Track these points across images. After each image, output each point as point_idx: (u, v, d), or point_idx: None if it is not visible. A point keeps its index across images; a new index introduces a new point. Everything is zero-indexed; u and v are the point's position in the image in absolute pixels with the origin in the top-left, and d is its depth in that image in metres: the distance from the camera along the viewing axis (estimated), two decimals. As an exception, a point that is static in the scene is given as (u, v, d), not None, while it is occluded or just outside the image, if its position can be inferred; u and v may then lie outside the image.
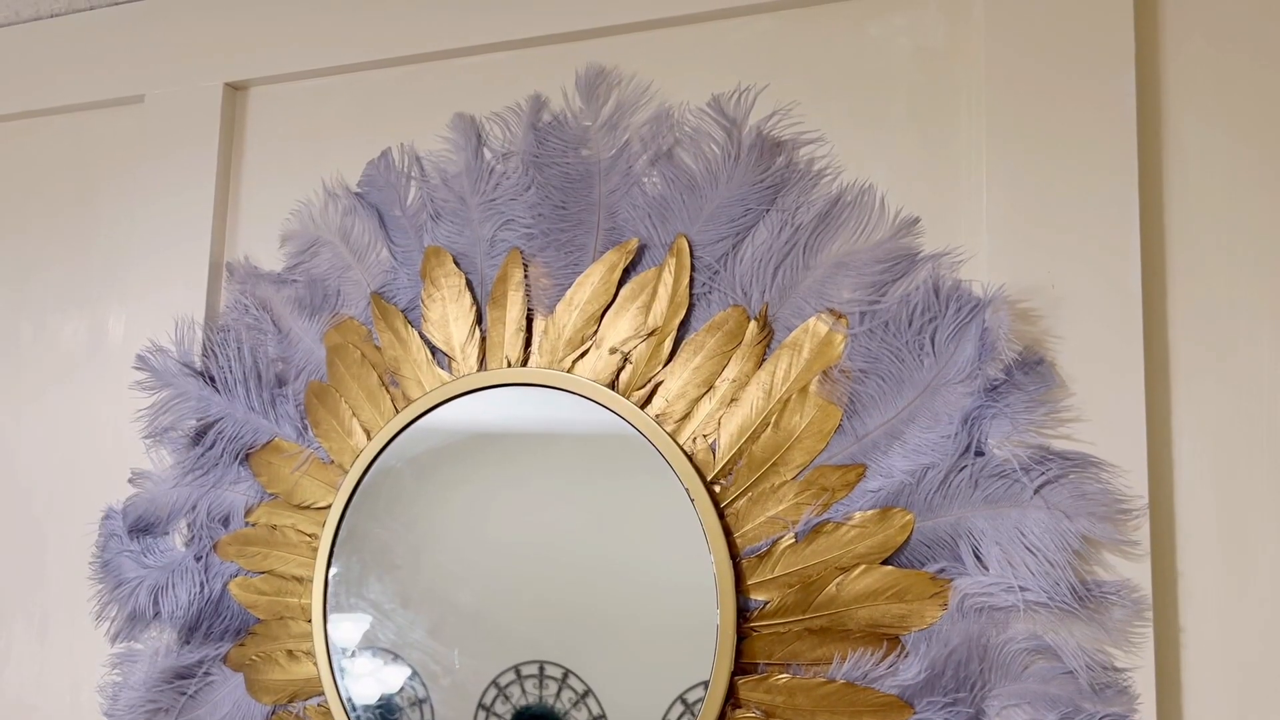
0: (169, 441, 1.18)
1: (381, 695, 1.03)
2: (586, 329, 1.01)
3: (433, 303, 1.08)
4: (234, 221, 1.24)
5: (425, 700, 1.01)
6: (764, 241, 0.96)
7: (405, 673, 1.02)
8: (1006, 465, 0.84)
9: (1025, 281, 0.88)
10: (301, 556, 1.09)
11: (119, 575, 1.18)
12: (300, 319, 1.16)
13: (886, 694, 0.85)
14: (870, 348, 0.91)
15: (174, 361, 1.19)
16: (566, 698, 0.97)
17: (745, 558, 0.92)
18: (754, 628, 0.90)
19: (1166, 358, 0.85)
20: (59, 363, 1.33)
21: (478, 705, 0.99)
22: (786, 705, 0.88)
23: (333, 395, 1.11)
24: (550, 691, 0.97)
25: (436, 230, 1.10)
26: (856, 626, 0.87)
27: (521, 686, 0.98)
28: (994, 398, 0.85)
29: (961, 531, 0.86)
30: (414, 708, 1.02)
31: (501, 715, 0.99)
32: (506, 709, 0.98)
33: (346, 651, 1.04)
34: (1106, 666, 0.80)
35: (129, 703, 1.14)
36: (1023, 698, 0.82)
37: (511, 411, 1.03)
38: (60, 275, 1.34)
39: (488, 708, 0.99)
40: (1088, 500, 0.82)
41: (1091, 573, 0.82)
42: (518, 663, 0.99)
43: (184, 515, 1.16)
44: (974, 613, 0.84)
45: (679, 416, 0.96)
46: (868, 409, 0.90)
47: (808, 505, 0.90)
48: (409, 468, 1.06)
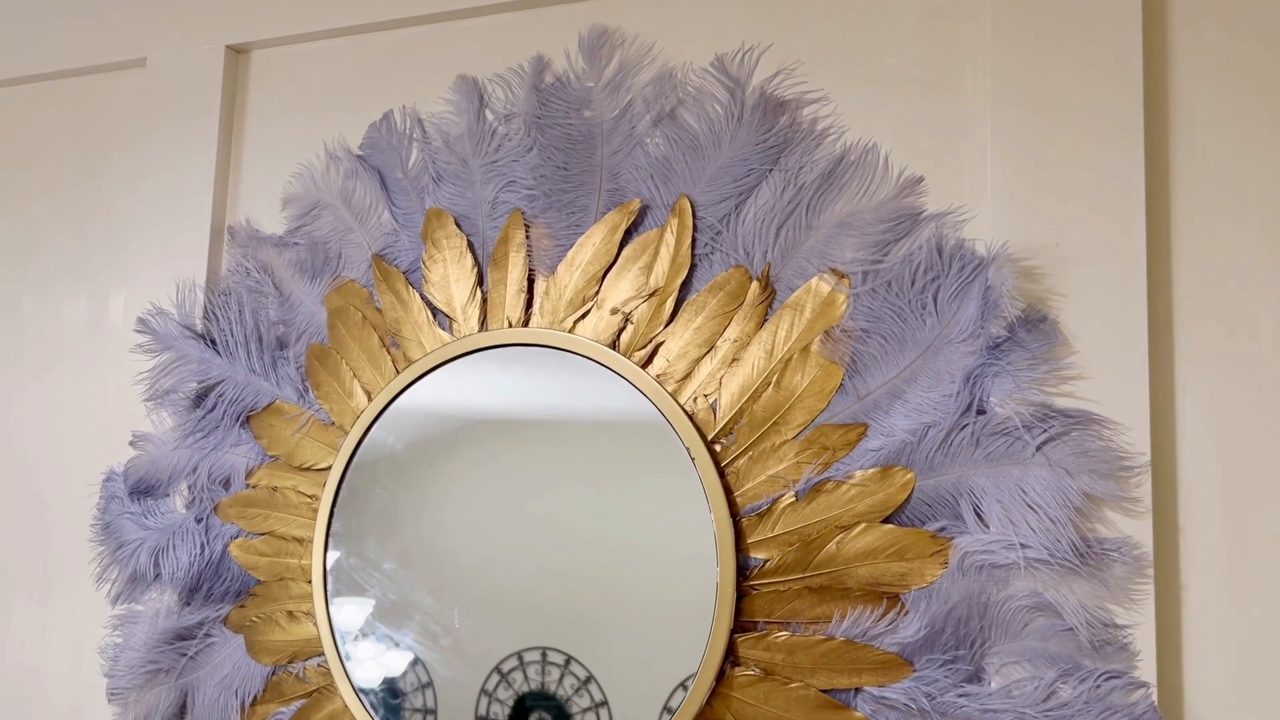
0: (170, 404, 1.18)
1: (385, 679, 1.03)
2: (588, 290, 1.00)
3: (434, 264, 1.08)
4: (235, 185, 1.24)
5: (429, 685, 1.01)
6: (767, 202, 0.95)
7: (408, 658, 1.02)
8: (1008, 423, 0.84)
9: (1029, 240, 0.87)
10: (302, 518, 1.09)
11: (120, 537, 1.18)
12: (301, 282, 1.15)
13: (886, 651, 0.85)
14: (873, 307, 0.90)
15: (175, 324, 1.19)
16: (569, 684, 0.97)
17: (745, 516, 0.91)
18: (754, 586, 0.90)
19: (1170, 315, 0.85)
20: (61, 330, 1.33)
21: (480, 690, 1.00)
22: (786, 663, 0.88)
23: (334, 357, 1.11)
24: (553, 678, 0.97)
25: (438, 192, 1.10)
26: (856, 584, 0.87)
27: (524, 672, 0.98)
28: (996, 355, 0.85)
29: (963, 490, 0.85)
30: (417, 693, 1.02)
31: (504, 701, 0.99)
32: (509, 694, 0.99)
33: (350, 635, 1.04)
34: (1107, 623, 0.80)
35: (129, 663, 1.14)
36: (1022, 655, 0.82)
37: (512, 375, 1.03)
38: (62, 239, 1.34)
39: (490, 693, 0.99)
40: (1090, 457, 0.81)
41: (1093, 530, 0.82)
42: (520, 649, 0.99)
43: (185, 477, 1.16)
44: (974, 570, 0.84)
45: (680, 376, 0.96)
46: (869, 368, 0.90)
47: (808, 464, 0.90)
48: (410, 429, 1.05)
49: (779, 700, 0.88)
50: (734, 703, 0.89)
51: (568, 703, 0.97)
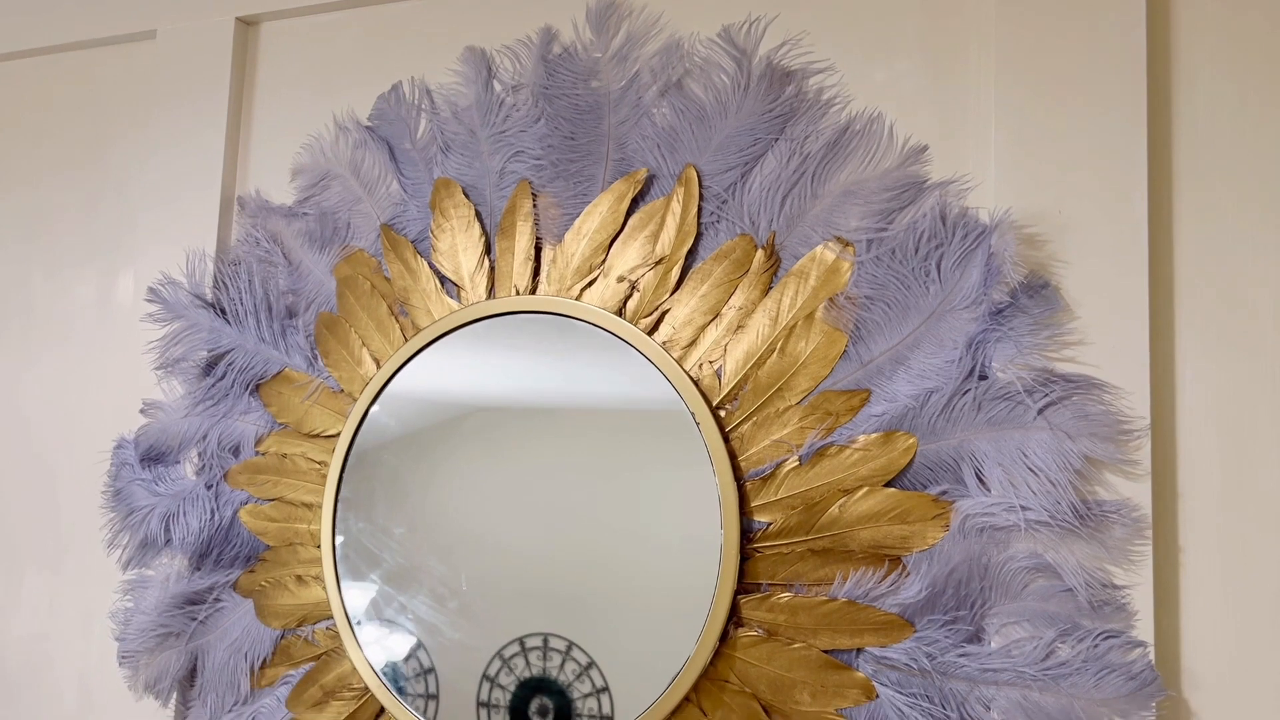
0: (180, 372, 1.20)
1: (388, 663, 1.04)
2: (595, 258, 1.01)
3: (442, 233, 1.09)
4: (245, 155, 1.25)
5: (431, 670, 1.03)
6: (772, 171, 0.96)
7: (411, 642, 1.03)
8: (1010, 388, 0.85)
9: (1032, 207, 0.88)
10: (311, 484, 1.11)
11: (131, 503, 1.19)
12: (310, 251, 1.17)
13: (888, 612, 0.86)
14: (876, 275, 0.91)
15: (185, 293, 1.20)
16: (570, 669, 0.98)
17: (749, 480, 0.93)
18: (757, 548, 0.92)
19: (1170, 281, 0.86)
20: (71, 303, 1.34)
21: (482, 676, 1.01)
22: (789, 623, 0.89)
23: (342, 325, 1.12)
24: (554, 663, 0.98)
25: (446, 163, 1.11)
26: (859, 547, 0.88)
27: (525, 658, 0.99)
28: (998, 321, 0.86)
29: (964, 454, 0.86)
30: (419, 678, 1.03)
31: (506, 686, 1.00)
32: (510, 680, 1.00)
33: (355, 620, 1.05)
34: (1105, 584, 0.81)
35: (140, 627, 1.15)
36: (1022, 615, 0.83)
37: (518, 344, 1.04)
38: (72, 212, 1.35)
39: (492, 679, 1.00)
40: (1090, 421, 0.82)
41: (1093, 493, 0.83)
42: (522, 635, 1.00)
43: (195, 445, 1.18)
44: (975, 533, 0.85)
45: (685, 343, 0.97)
46: (873, 335, 0.91)
47: (812, 429, 0.91)
48: (418, 397, 1.07)
49: (782, 660, 0.89)
50: (737, 663, 0.91)
51: (569, 688, 0.98)
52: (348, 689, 1.06)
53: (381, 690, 1.03)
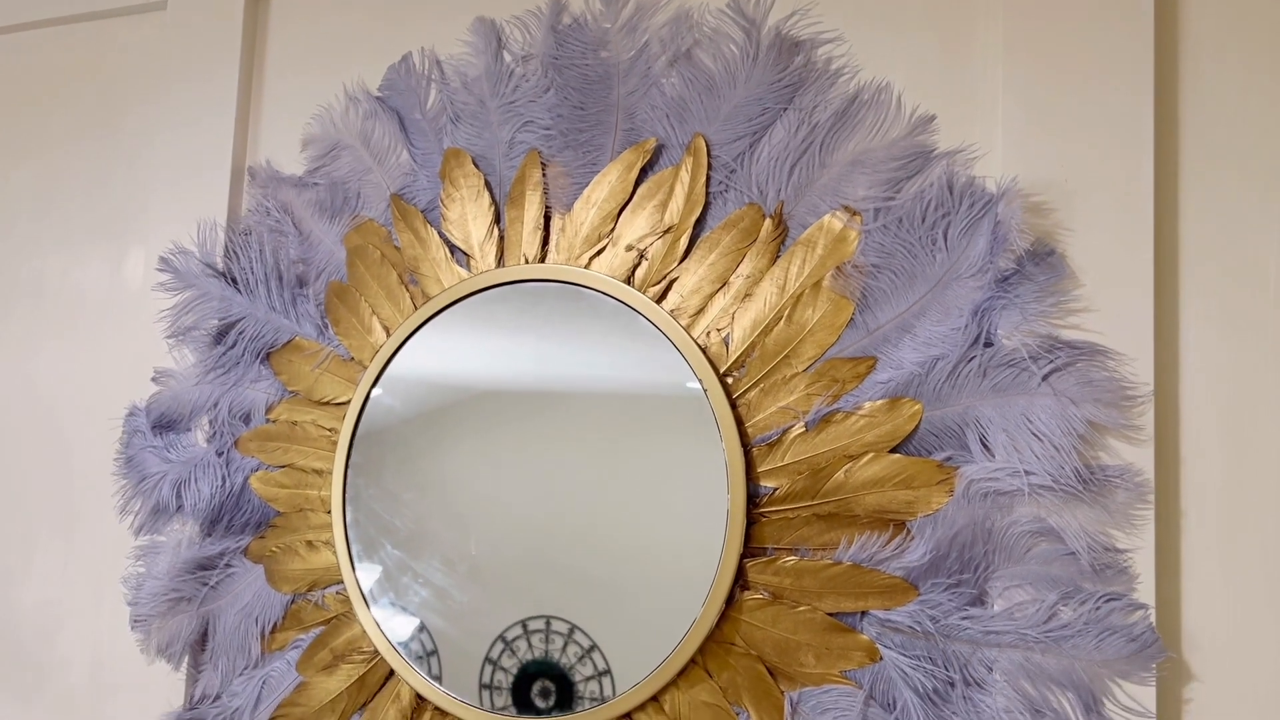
0: (191, 340, 1.21)
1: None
2: (603, 227, 1.02)
3: (452, 202, 1.10)
4: (256, 126, 1.26)
5: (434, 653, 1.04)
6: (781, 140, 0.97)
7: (414, 623, 1.05)
8: (1015, 354, 0.86)
9: (1038, 176, 0.89)
10: (321, 450, 1.12)
11: (142, 470, 1.20)
12: (321, 221, 1.17)
13: (892, 576, 0.87)
14: (884, 243, 0.92)
15: (197, 262, 1.21)
16: (572, 652, 0.99)
17: (756, 446, 0.94)
18: (763, 513, 0.93)
19: (1175, 249, 0.87)
20: (83, 274, 1.35)
21: (484, 659, 1.02)
22: (794, 587, 0.90)
23: (353, 294, 1.13)
24: (556, 646, 0.99)
25: (456, 133, 1.12)
26: (864, 512, 0.89)
27: (528, 641, 1.00)
28: (1004, 289, 0.87)
29: (969, 420, 0.87)
30: (421, 661, 1.04)
31: (508, 669, 1.01)
32: (513, 663, 1.01)
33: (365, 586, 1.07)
34: (1108, 548, 0.82)
35: (152, 591, 1.17)
36: (1025, 579, 0.84)
37: (526, 315, 1.04)
38: (83, 183, 1.36)
39: (495, 662, 1.01)
40: (1094, 387, 0.83)
41: (1096, 458, 0.84)
42: (525, 617, 1.01)
43: (206, 412, 1.19)
44: (979, 497, 0.86)
45: (693, 311, 0.98)
46: (880, 303, 0.92)
47: (818, 396, 0.92)
48: (428, 363, 1.08)
49: (787, 623, 0.90)
50: (743, 625, 0.92)
51: (571, 671, 0.99)
52: (358, 652, 1.07)
53: (391, 653, 1.04)
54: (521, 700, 1.00)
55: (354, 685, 1.07)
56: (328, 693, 1.08)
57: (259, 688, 1.12)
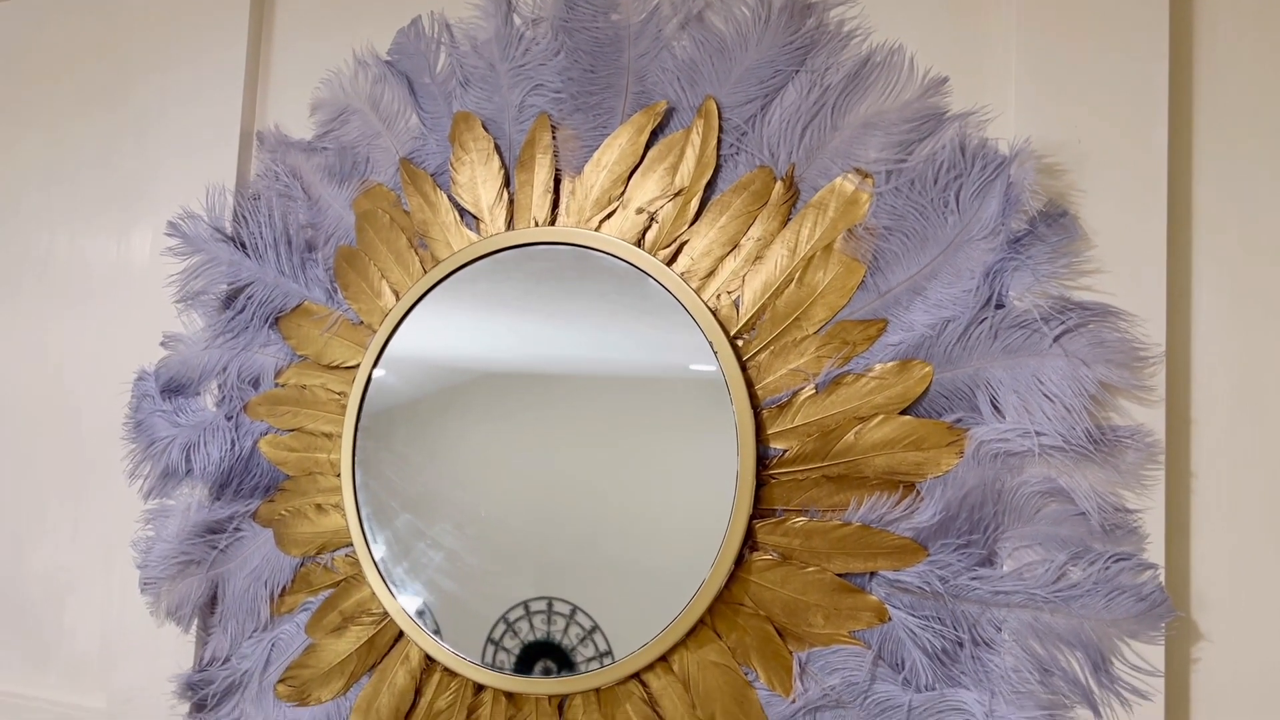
0: (200, 305, 1.21)
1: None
2: (614, 190, 1.02)
3: (461, 166, 1.09)
4: (264, 91, 1.26)
5: (436, 632, 1.04)
6: (792, 103, 0.97)
7: (416, 603, 1.05)
8: (1026, 316, 0.86)
9: (1051, 138, 0.88)
10: (330, 414, 1.12)
11: (152, 434, 1.21)
12: (330, 186, 1.17)
13: (901, 536, 0.87)
14: (895, 206, 0.92)
15: (206, 227, 1.21)
16: (574, 633, 0.99)
17: (766, 408, 0.94)
18: (773, 475, 0.93)
19: (1189, 210, 0.86)
20: (91, 240, 1.35)
21: (486, 639, 1.02)
22: (803, 548, 0.91)
23: (362, 259, 1.13)
24: (558, 627, 1.00)
25: (465, 97, 1.11)
26: (873, 473, 0.89)
27: (530, 622, 1.00)
28: (1016, 250, 0.86)
29: (980, 382, 0.87)
30: (430, 622, 1.04)
31: (510, 650, 1.01)
32: (515, 644, 1.01)
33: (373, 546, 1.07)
34: (1118, 508, 0.82)
35: (162, 554, 1.17)
36: (1034, 539, 0.84)
37: (535, 280, 1.04)
38: (91, 146, 1.36)
39: (497, 642, 1.01)
40: (1106, 348, 0.83)
41: (1107, 418, 0.84)
42: (527, 598, 1.01)
43: (215, 377, 1.19)
44: (989, 458, 0.86)
45: (704, 274, 0.98)
46: (891, 266, 0.92)
47: (829, 358, 0.92)
48: (438, 327, 1.08)
49: (795, 584, 0.91)
50: (751, 586, 0.92)
51: (572, 652, 0.99)
52: (367, 614, 1.08)
53: (400, 615, 1.05)
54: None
55: (363, 647, 1.07)
56: (337, 654, 1.08)
57: (268, 650, 1.13)
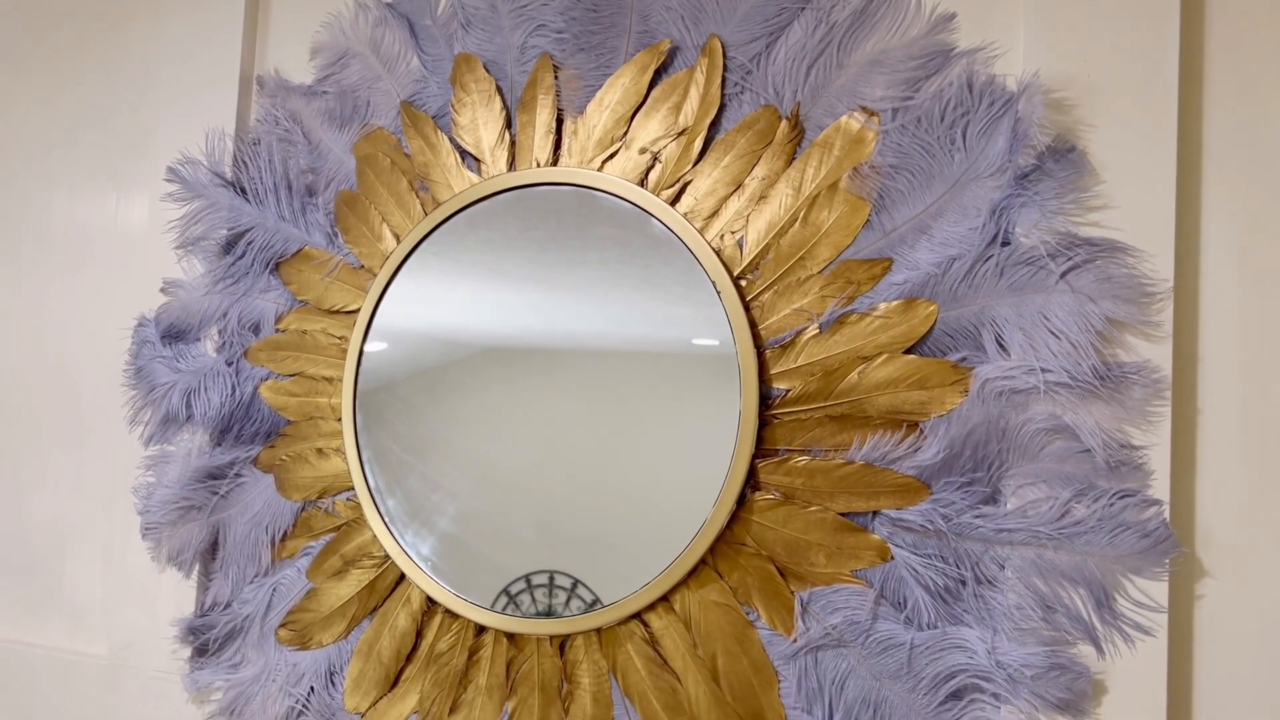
0: (200, 251, 1.20)
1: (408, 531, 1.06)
2: (616, 130, 1.01)
3: (463, 108, 1.08)
4: (264, 35, 1.24)
5: (444, 557, 1.04)
6: (798, 41, 0.95)
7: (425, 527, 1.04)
8: (1033, 253, 0.85)
9: (1060, 72, 0.87)
10: (331, 358, 1.12)
11: (152, 380, 1.20)
12: (330, 130, 1.16)
13: (904, 475, 0.87)
14: (901, 144, 0.91)
15: (205, 172, 1.20)
16: (575, 607, 0.99)
17: (769, 348, 0.93)
18: (775, 415, 0.92)
19: (1199, 144, 0.85)
20: (89, 182, 1.34)
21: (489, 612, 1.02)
22: (805, 487, 0.90)
23: (362, 202, 1.12)
24: (560, 600, 0.99)
25: (467, 39, 1.10)
26: (876, 413, 0.89)
27: (532, 595, 1.00)
28: (1023, 186, 0.85)
29: (985, 320, 0.86)
30: (431, 564, 1.04)
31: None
32: (517, 616, 1.01)
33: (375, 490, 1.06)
34: (1123, 444, 0.82)
35: (163, 499, 1.17)
36: (1039, 476, 0.84)
37: (536, 222, 1.03)
38: (89, 91, 1.35)
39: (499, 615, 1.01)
40: (1113, 283, 0.82)
41: (1113, 355, 0.83)
42: (529, 572, 1.01)
43: (215, 322, 1.19)
44: (994, 396, 0.85)
45: (707, 214, 0.97)
46: (896, 204, 0.91)
47: (833, 298, 0.91)
48: (439, 271, 1.07)
49: (798, 523, 0.90)
50: (753, 526, 0.92)
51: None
52: (368, 557, 1.08)
53: (402, 557, 1.04)
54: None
55: (364, 590, 1.07)
56: (338, 598, 1.08)
57: (269, 595, 1.13)
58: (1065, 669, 0.81)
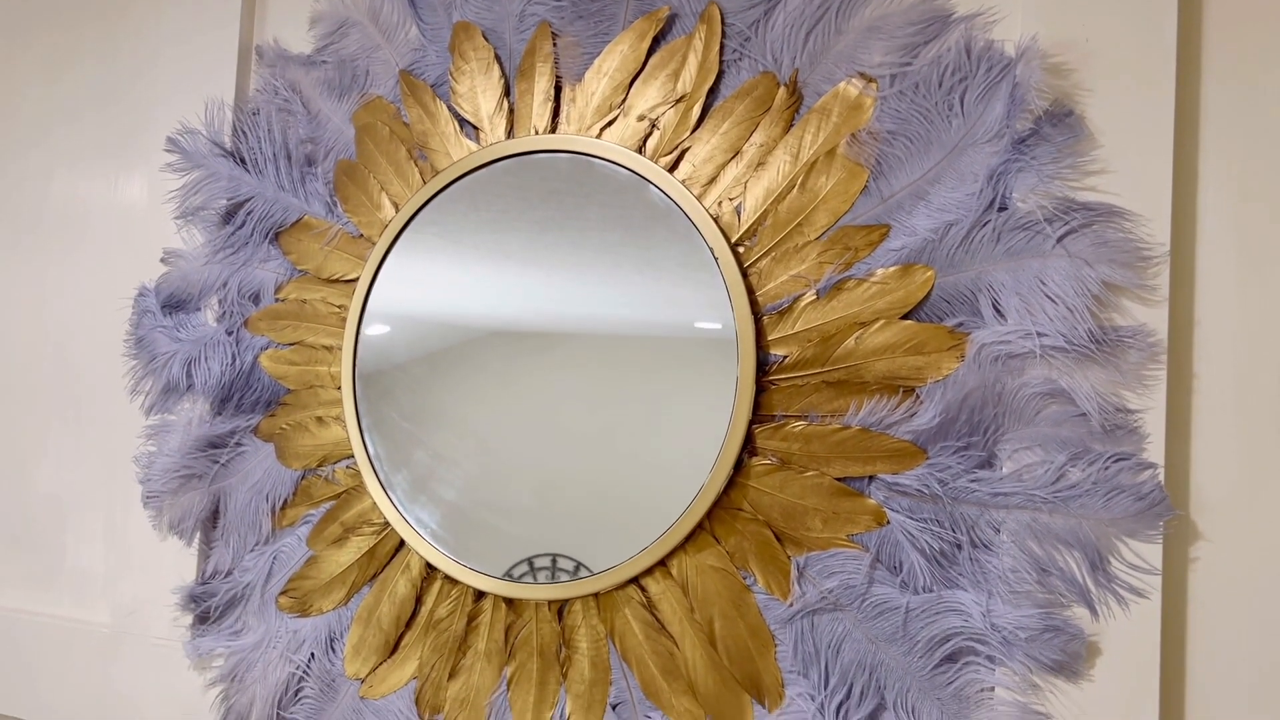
0: (200, 221, 1.20)
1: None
2: (615, 97, 1.01)
3: (461, 76, 1.08)
4: (263, 5, 1.24)
5: (443, 523, 1.04)
6: (796, 7, 0.95)
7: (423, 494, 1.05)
8: (1030, 218, 0.85)
9: (1058, 36, 0.87)
10: (331, 327, 1.12)
11: (153, 350, 1.21)
12: (329, 100, 1.16)
13: (900, 440, 0.87)
14: (899, 109, 0.91)
15: (205, 142, 1.20)
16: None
17: (766, 315, 0.93)
18: (772, 381, 0.92)
19: (1197, 109, 0.85)
20: (87, 148, 1.34)
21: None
22: (802, 452, 0.91)
23: (361, 171, 1.12)
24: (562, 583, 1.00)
25: (465, 7, 1.10)
26: (873, 378, 0.89)
27: (534, 578, 1.00)
28: (1021, 151, 0.85)
29: (982, 285, 0.87)
30: (430, 531, 1.04)
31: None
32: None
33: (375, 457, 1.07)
34: (1119, 408, 0.82)
35: (164, 468, 1.18)
36: (1035, 440, 0.84)
37: (533, 192, 1.03)
38: (89, 60, 1.35)
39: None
40: (1109, 247, 0.82)
41: (1109, 319, 0.83)
42: (531, 555, 1.01)
43: (215, 292, 1.19)
44: (990, 361, 0.85)
45: (705, 180, 0.97)
46: (894, 170, 0.91)
47: (830, 264, 0.91)
48: (439, 236, 1.07)
49: (794, 488, 0.91)
50: (750, 491, 0.92)
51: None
52: (368, 524, 1.08)
53: (401, 524, 1.05)
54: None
55: (364, 557, 1.08)
56: (338, 565, 1.09)
57: (270, 562, 1.14)
58: (1059, 631, 0.81)
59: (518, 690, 0.99)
